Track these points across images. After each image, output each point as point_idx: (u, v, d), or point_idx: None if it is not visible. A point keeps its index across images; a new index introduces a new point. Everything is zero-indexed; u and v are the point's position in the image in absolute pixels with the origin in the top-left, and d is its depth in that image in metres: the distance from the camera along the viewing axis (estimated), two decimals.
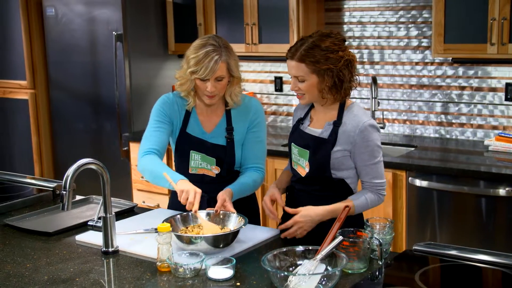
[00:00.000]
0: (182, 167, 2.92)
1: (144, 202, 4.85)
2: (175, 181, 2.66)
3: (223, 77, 2.73)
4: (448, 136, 4.42)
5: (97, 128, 5.14)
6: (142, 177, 4.48)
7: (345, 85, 2.57)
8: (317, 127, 2.67)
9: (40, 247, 2.58)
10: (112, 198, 3.15)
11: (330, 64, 2.53)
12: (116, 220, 2.85)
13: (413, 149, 4.21)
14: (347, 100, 2.66)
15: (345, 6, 4.65)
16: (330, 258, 2.17)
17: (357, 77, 2.63)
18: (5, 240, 2.67)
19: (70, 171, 2.37)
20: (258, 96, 5.15)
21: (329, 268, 2.15)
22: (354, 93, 4.78)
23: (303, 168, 2.67)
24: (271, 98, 5.12)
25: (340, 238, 2.20)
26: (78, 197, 3.26)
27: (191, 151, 2.87)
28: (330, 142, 2.59)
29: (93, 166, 2.44)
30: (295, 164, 2.73)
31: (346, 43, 2.64)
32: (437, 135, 4.46)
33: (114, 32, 4.83)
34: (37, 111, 5.45)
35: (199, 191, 2.61)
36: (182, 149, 2.88)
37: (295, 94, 2.67)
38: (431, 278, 2.24)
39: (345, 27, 4.64)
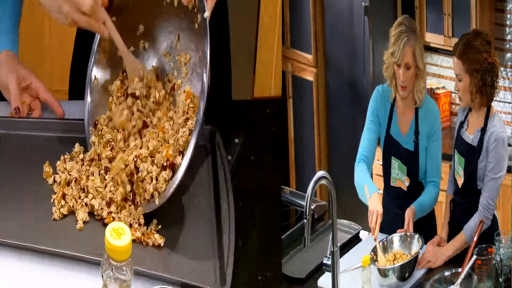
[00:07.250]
0: (384, 178, 2.62)
1: None
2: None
3: (410, 66, 2.45)
4: None
5: None
6: None
7: (488, 89, 2.42)
8: (471, 133, 2.54)
9: None
10: None
11: (477, 64, 2.38)
12: None
13: None
14: (491, 107, 2.52)
15: (507, 8, 4.49)
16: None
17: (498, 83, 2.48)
18: None
19: None
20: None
21: None
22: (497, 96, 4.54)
23: (461, 178, 2.57)
24: None
25: (474, 257, 2.14)
26: None
27: (392, 157, 2.57)
28: (478, 150, 2.47)
29: None
30: (456, 174, 2.62)
31: (507, 46, 2.53)
32: None
33: (363, 3, 3.87)
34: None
35: (380, 211, 2.33)
36: (384, 154, 2.59)
37: None
38: None
39: (507, 30, 4.48)
